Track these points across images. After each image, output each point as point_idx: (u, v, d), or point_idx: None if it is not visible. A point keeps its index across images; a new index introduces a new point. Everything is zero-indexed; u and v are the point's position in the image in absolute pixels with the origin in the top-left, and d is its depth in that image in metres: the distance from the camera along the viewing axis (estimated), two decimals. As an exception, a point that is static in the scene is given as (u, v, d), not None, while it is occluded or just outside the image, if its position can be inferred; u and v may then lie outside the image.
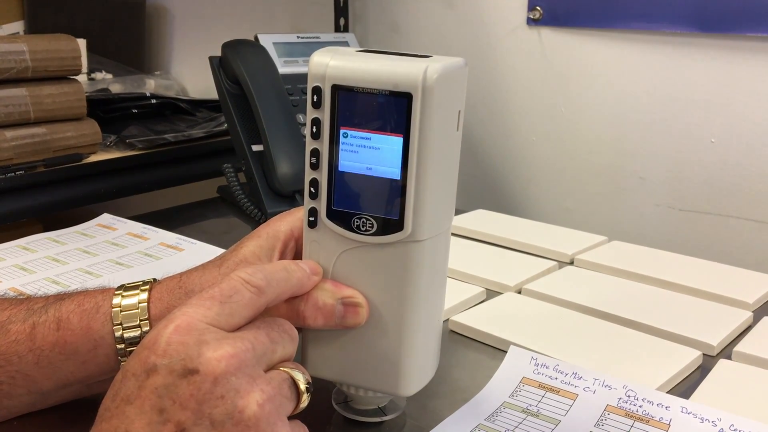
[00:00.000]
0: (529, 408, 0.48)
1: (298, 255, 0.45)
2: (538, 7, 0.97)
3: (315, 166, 0.40)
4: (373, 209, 0.40)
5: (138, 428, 0.31)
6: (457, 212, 0.91)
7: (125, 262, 0.73)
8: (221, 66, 0.89)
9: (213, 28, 1.33)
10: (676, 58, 0.88)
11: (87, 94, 0.94)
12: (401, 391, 0.43)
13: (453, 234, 0.84)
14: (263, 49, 0.89)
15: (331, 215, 0.40)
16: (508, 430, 0.46)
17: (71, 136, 0.90)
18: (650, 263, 0.73)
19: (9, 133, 0.84)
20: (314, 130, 0.40)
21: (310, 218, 0.41)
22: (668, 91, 0.89)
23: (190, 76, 1.34)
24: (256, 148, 0.88)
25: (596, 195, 0.97)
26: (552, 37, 0.97)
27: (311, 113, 0.39)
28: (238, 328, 0.36)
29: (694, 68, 0.87)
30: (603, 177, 0.96)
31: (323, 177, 0.40)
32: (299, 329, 0.43)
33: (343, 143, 0.39)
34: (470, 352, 0.57)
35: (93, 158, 0.92)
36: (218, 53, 0.89)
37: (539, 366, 0.52)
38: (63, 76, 0.90)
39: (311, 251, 0.42)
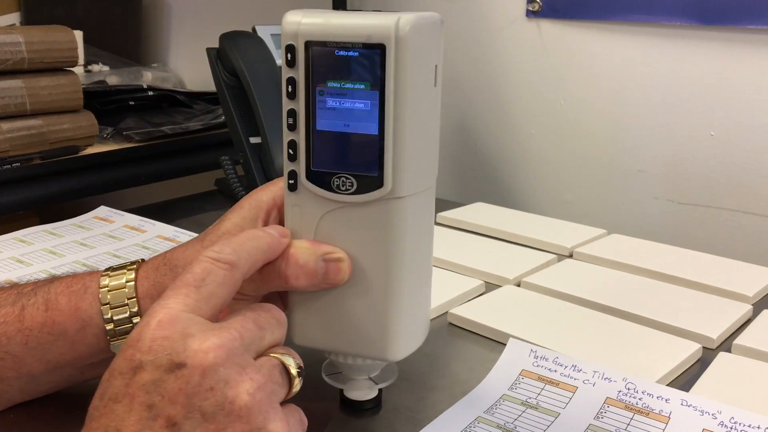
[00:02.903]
0: (528, 401, 0.48)
1: (281, 224, 0.44)
2: (537, 0, 0.96)
3: (292, 127, 0.39)
4: (353, 167, 0.39)
5: (128, 426, 0.31)
6: (456, 205, 0.91)
7: (122, 254, 0.72)
8: (219, 58, 0.88)
9: (210, 19, 1.32)
10: (676, 51, 0.87)
11: (84, 86, 0.93)
12: (389, 355, 0.42)
13: (452, 227, 0.85)
14: (261, 41, 0.89)
15: (311, 177, 0.40)
16: (507, 422, 0.45)
17: (68, 128, 0.90)
18: (650, 256, 0.73)
19: (5, 125, 0.84)
20: (290, 89, 0.39)
21: (290, 181, 0.41)
22: (668, 84, 0.89)
23: (188, 68, 1.33)
24: (253, 140, 0.87)
25: (595, 188, 0.97)
26: (551, 30, 0.97)
27: (286, 72, 0.39)
28: (221, 311, 0.35)
29: (694, 61, 0.86)
30: (602, 170, 0.96)
31: (301, 138, 0.39)
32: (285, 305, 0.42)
33: (319, 101, 0.39)
34: (469, 344, 0.57)
35: (90, 150, 0.92)
36: (216, 45, 0.88)
37: (538, 358, 0.51)
38: (59, 68, 0.90)
39: (292, 216, 0.41)
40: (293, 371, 0.35)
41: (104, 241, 0.76)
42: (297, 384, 0.36)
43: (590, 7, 0.93)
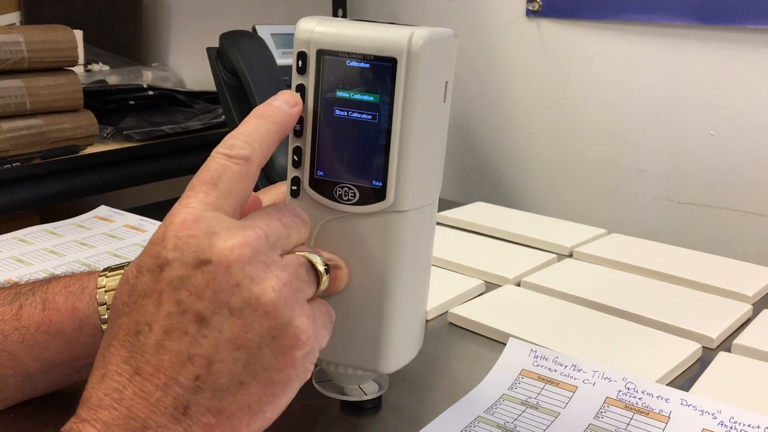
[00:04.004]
0: (528, 400, 0.48)
1: None
2: (537, -1, 0.96)
3: (299, 134, 0.40)
4: (356, 178, 0.39)
5: (158, 320, 0.32)
6: (456, 204, 0.91)
7: (123, 254, 0.72)
8: (219, 57, 0.88)
9: (210, 19, 1.32)
10: (676, 50, 0.87)
11: (84, 86, 0.93)
12: (381, 368, 0.42)
13: (452, 227, 0.85)
14: (261, 40, 0.89)
15: (314, 184, 0.40)
16: (507, 422, 0.45)
17: (68, 128, 0.90)
18: (649, 256, 0.73)
19: (5, 125, 0.84)
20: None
21: (293, 187, 0.41)
22: (667, 83, 0.89)
23: (188, 67, 1.33)
24: (254, 140, 0.87)
25: (595, 187, 0.97)
26: (551, 29, 0.97)
27: (296, 79, 0.39)
28: (242, 206, 0.36)
29: (694, 60, 0.86)
30: (602, 169, 0.96)
31: (306, 145, 0.39)
32: None
33: (327, 110, 0.39)
34: (469, 344, 0.57)
35: (90, 150, 0.92)
36: (216, 44, 0.88)
37: (538, 358, 0.51)
38: (59, 68, 0.90)
39: None
40: (320, 268, 0.36)
41: (104, 240, 0.76)
42: (324, 281, 0.36)
43: (590, 6, 0.93)
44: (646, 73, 0.90)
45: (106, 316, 0.42)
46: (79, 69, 0.96)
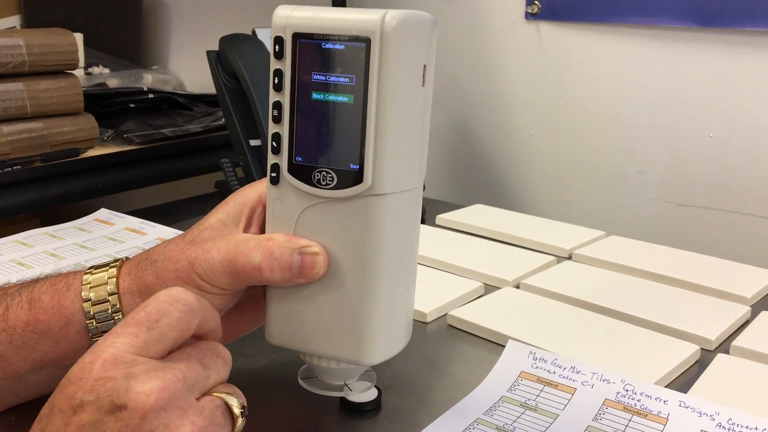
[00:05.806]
0: (527, 402, 0.48)
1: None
2: (536, 2, 0.96)
3: (277, 120, 0.39)
4: (334, 161, 0.39)
5: None
6: (455, 207, 0.91)
7: (123, 257, 0.72)
8: (219, 60, 0.88)
9: (210, 22, 1.32)
10: (675, 53, 0.88)
11: (84, 89, 0.94)
12: (363, 359, 0.41)
13: (451, 229, 0.85)
14: (261, 44, 0.89)
15: (293, 170, 0.39)
16: (506, 424, 0.46)
17: (68, 131, 0.90)
18: (648, 258, 0.73)
19: (6, 128, 0.84)
20: (276, 81, 0.39)
21: (273, 174, 0.40)
22: (667, 86, 0.89)
23: (188, 70, 1.34)
24: (253, 142, 0.87)
25: (594, 190, 0.97)
26: (550, 32, 0.97)
27: (274, 64, 0.39)
28: (170, 352, 0.35)
29: (693, 62, 0.87)
30: (601, 172, 0.96)
31: (285, 130, 0.39)
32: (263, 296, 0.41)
33: (304, 94, 0.39)
34: (468, 346, 0.57)
35: (90, 153, 0.92)
36: (216, 47, 0.89)
37: (537, 360, 0.51)
38: (60, 71, 0.90)
39: (274, 210, 0.41)
40: (236, 411, 0.35)
41: (105, 243, 0.76)
42: (240, 424, 0.35)
43: (589, 9, 0.93)
44: (645, 76, 0.91)
45: (91, 312, 0.42)
46: (79, 72, 0.97)
